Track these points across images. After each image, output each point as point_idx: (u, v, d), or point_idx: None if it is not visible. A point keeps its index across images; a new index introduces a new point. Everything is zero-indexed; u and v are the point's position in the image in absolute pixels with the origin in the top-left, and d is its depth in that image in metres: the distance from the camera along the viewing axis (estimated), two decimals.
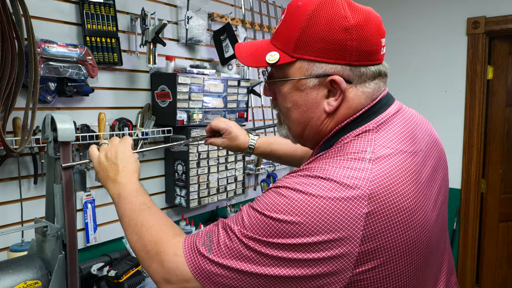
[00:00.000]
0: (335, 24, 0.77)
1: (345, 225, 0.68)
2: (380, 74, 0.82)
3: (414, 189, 0.75)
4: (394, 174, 0.73)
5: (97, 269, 1.49)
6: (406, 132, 0.83)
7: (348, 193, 0.69)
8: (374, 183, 0.71)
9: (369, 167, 0.72)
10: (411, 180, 0.75)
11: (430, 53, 3.23)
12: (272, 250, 0.70)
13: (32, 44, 1.41)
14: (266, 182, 2.65)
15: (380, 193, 0.70)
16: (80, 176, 1.08)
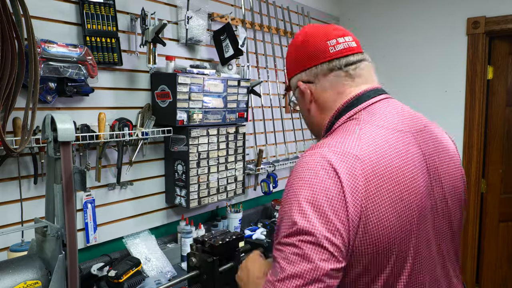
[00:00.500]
0: (291, 48, 1.06)
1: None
2: (334, 68, 0.98)
3: (399, 155, 0.87)
4: (378, 141, 0.87)
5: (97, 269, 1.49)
6: (392, 115, 0.95)
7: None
8: (362, 147, 0.84)
9: (356, 137, 0.87)
10: (395, 148, 0.88)
11: (430, 53, 3.23)
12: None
13: (32, 44, 1.41)
14: (266, 182, 2.65)
15: (367, 155, 0.84)
16: (80, 176, 1.08)
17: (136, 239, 1.96)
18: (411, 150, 0.91)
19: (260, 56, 2.74)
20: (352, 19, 3.63)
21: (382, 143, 0.87)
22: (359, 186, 0.80)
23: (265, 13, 2.78)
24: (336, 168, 0.81)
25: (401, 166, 0.86)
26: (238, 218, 2.42)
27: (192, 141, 2.04)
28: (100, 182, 1.85)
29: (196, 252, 1.30)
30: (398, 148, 0.88)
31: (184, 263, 2.00)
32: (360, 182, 0.80)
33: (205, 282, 1.28)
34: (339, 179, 0.80)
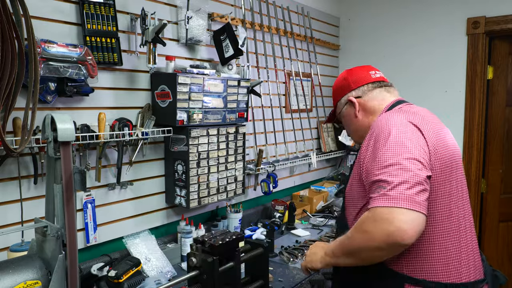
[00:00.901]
0: (340, 82, 1.56)
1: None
2: (377, 86, 1.48)
3: (438, 123, 1.38)
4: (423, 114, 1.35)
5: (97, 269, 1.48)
6: (415, 112, 1.36)
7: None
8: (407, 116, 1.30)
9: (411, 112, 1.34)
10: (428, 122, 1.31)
11: (430, 53, 3.23)
12: None
13: (32, 44, 1.41)
14: (266, 182, 2.65)
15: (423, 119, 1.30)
16: (80, 176, 1.08)
17: (136, 239, 1.96)
18: (441, 124, 1.38)
19: (260, 56, 2.74)
20: (352, 19, 3.63)
21: (426, 115, 1.35)
22: (429, 133, 1.25)
23: (265, 13, 2.78)
24: (415, 124, 1.25)
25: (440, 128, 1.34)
26: (238, 218, 2.42)
27: (192, 141, 2.04)
28: (100, 182, 1.85)
29: (196, 252, 1.30)
30: (435, 122, 1.35)
31: (184, 263, 2.00)
32: (429, 132, 1.26)
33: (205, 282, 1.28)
34: (419, 130, 1.24)
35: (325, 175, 3.58)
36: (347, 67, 3.63)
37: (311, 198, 3.00)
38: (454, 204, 1.25)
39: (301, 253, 2.12)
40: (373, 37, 3.50)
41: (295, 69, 3.06)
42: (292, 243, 2.33)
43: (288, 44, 3.00)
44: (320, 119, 3.38)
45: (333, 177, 3.55)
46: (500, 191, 3.17)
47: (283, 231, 2.57)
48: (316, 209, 2.98)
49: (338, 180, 3.45)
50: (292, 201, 2.81)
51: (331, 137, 3.50)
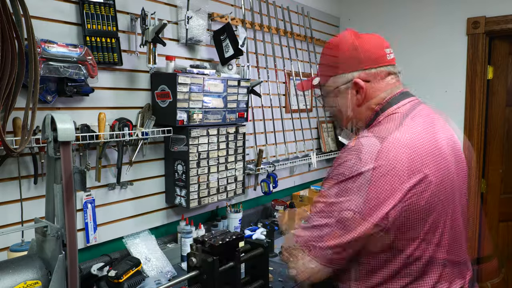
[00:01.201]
0: (347, 51, 1.19)
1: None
2: (390, 72, 1.21)
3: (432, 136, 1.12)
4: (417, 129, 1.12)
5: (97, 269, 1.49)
6: (425, 108, 1.21)
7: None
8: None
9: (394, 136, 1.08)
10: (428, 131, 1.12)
11: (430, 53, 3.23)
12: None
13: (32, 44, 1.41)
14: (266, 182, 2.65)
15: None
16: (80, 176, 1.08)
17: (136, 239, 1.96)
18: (441, 129, 1.18)
19: (260, 56, 2.74)
20: (352, 19, 3.63)
21: (419, 135, 1.10)
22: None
23: (265, 13, 2.78)
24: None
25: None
26: (238, 218, 2.42)
27: (192, 141, 2.04)
28: (100, 182, 1.85)
29: (196, 252, 1.30)
30: (431, 137, 1.12)
31: (184, 263, 2.00)
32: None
33: (205, 282, 1.28)
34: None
35: (325, 175, 3.56)
36: None
37: (311, 198, 3.00)
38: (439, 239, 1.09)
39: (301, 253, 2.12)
40: None
41: (295, 69, 3.06)
42: (292, 243, 2.33)
43: (288, 44, 3.00)
44: (320, 119, 3.38)
45: None
46: (500, 191, 3.17)
47: (283, 231, 2.57)
48: None
49: None
50: (292, 201, 2.81)
51: (331, 137, 3.50)
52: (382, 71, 1.20)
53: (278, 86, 2.89)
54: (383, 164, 1.02)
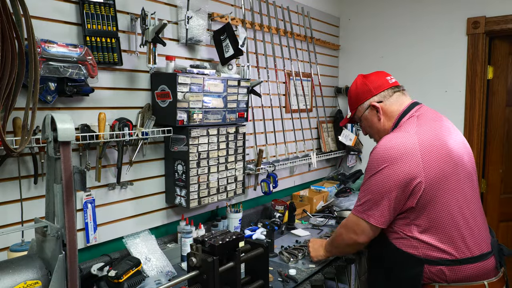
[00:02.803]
0: (360, 87, 1.74)
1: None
2: (395, 91, 1.70)
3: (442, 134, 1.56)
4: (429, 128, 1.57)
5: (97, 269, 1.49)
6: (431, 112, 1.66)
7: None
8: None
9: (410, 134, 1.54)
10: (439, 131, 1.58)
11: (430, 53, 3.23)
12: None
13: (32, 44, 1.41)
14: (266, 182, 2.65)
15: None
16: (80, 176, 1.08)
17: (136, 239, 1.96)
18: (447, 127, 1.61)
19: (260, 56, 2.74)
20: (352, 19, 3.63)
21: (430, 128, 1.55)
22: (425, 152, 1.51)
23: (265, 13, 2.78)
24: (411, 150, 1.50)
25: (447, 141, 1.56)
26: (238, 218, 2.42)
27: (192, 141, 2.04)
28: (100, 182, 1.85)
29: (196, 252, 1.30)
30: (439, 128, 1.57)
31: (184, 263, 2.00)
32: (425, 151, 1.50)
33: (205, 282, 1.28)
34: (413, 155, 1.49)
35: (325, 175, 3.58)
36: (347, 67, 3.68)
37: (311, 198, 3.00)
38: (458, 199, 1.49)
39: (301, 253, 2.12)
40: (373, 37, 3.50)
41: (295, 69, 3.06)
42: (292, 243, 2.33)
43: (288, 44, 3.00)
44: (320, 119, 3.38)
45: (333, 177, 3.55)
46: (500, 191, 3.17)
47: (283, 231, 2.57)
48: (316, 209, 2.98)
49: (338, 180, 3.45)
50: (292, 201, 2.81)
51: (331, 137, 3.50)
52: (388, 92, 1.68)
53: (278, 86, 2.89)
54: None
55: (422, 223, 1.49)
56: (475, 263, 1.47)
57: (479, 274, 1.48)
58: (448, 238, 1.47)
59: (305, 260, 2.09)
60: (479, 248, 1.50)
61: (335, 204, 3.04)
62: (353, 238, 1.62)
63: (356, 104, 1.74)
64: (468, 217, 1.50)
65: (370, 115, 1.70)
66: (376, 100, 1.67)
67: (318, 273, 1.99)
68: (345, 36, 3.68)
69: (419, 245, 1.50)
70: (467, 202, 1.51)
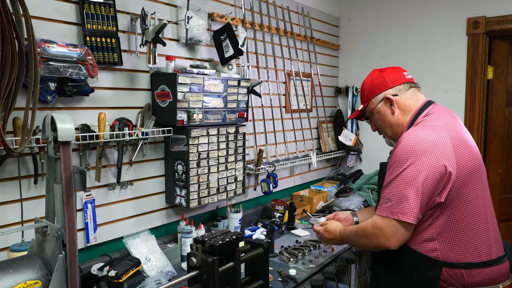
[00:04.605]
0: (376, 80, 1.68)
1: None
2: (411, 86, 1.65)
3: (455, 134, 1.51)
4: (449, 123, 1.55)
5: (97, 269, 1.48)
6: (445, 110, 1.65)
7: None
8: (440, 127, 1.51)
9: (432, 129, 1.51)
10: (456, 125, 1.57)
11: (430, 53, 3.23)
12: None
13: (32, 44, 1.41)
14: (266, 182, 2.65)
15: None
16: (80, 176, 1.08)
17: (136, 239, 1.96)
18: (462, 126, 1.62)
19: (260, 56, 2.74)
20: (352, 19, 3.63)
21: (452, 125, 1.53)
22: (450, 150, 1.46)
23: (265, 13, 2.78)
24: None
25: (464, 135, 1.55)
26: (238, 218, 2.42)
27: (192, 141, 2.04)
28: (100, 182, 1.85)
29: (196, 252, 1.30)
30: (458, 127, 1.56)
31: (184, 263, 2.00)
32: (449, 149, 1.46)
33: (205, 282, 1.28)
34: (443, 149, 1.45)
35: (325, 175, 3.58)
36: (347, 67, 3.68)
37: (311, 198, 3.00)
38: (479, 197, 1.48)
39: (301, 253, 2.12)
40: (373, 37, 3.50)
41: (295, 69, 3.06)
42: (292, 243, 2.33)
43: (288, 44, 3.00)
44: (320, 119, 3.38)
45: (333, 177, 3.55)
46: (500, 191, 3.17)
47: (283, 231, 2.57)
48: (316, 209, 2.98)
49: (338, 180, 3.45)
50: (292, 201, 2.81)
51: (331, 137, 3.50)
52: (405, 86, 1.64)
53: (278, 86, 2.89)
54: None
55: (444, 222, 1.43)
56: (492, 266, 1.44)
57: (495, 278, 1.45)
58: (470, 239, 1.43)
59: (305, 260, 2.09)
60: (497, 250, 1.48)
61: (335, 204, 3.04)
62: (383, 244, 1.45)
63: (369, 96, 1.67)
64: (489, 217, 1.48)
65: (383, 108, 1.64)
66: (391, 92, 1.63)
67: (318, 273, 1.99)
68: (345, 36, 3.68)
69: (438, 247, 1.44)
70: (486, 201, 1.50)
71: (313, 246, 2.22)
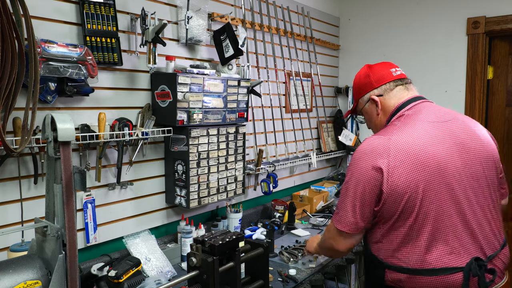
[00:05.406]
0: (358, 78, 1.66)
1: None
2: (398, 84, 1.56)
3: (423, 137, 1.38)
4: (411, 131, 1.40)
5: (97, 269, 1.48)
6: (427, 111, 1.49)
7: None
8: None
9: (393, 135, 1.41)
10: (422, 133, 1.40)
11: (430, 53, 3.23)
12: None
13: (32, 44, 1.41)
14: (266, 182, 2.65)
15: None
16: (80, 176, 1.08)
17: (136, 239, 1.96)
18: (434, 132, 1.40)
19: (260, 56, 2.74)
20: (352, 19, 3.63)
21: (414, 131, 1.39)
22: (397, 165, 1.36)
23: (265, 13, 2.78)
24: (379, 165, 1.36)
25: (423, 143, 1.36)
26: (238, 218, 2.42)
27: (192, 141, 2.04)
28: (100, 182, 1.85)
29: (196, 252, 1.30)
30: (425, 132, 1.39)
31: (184, 263, 2.00)
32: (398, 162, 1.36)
33: (205, 282, 1.28)
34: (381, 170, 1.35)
35: (325, 175, 3.58)
36: (347, 67, 3.68)
37: (311, 198, 3.00)
38: (440, 203, 1.34)
39: (301, 253, 2.12)
40: (373, 37, 3.50)
41: (295, 69, 3.06)
42: (292, 243, 2.33)
43: (288, 44, 3.00)
44: (320, 119, 3.38)
45: (333, 177, 3.55)
46: None
47: (283, 231, 2.57)
48: (316, 209, 2.98)
49: (338, 180, 3.45)
50: (292, 201, 2.81)
51: (331, 137, 3.50)
52: (390, 85, 1.56)
53: (278, 86, 2.89)
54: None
55: (385, 228, 1.39)
56: (432, 276, 1.33)
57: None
58: (409, 246, 1.36)
59: (305, 260, 2.09)
60: (451, 261, 1.33)
61: (335, 204, 3.04)
62: (333, 246, 1.50)
63: (357, 96, 1.65)
64: (448, 229, 1.33)
65: (370, 108, 1.60)
66: (376, 93, 1.56)
67: (318, 273, 1.99)
68: (345, 36, 3.68)
69: (382, 248, 1.41)
70: (459, 207, 1.34)
71: None
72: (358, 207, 1.37)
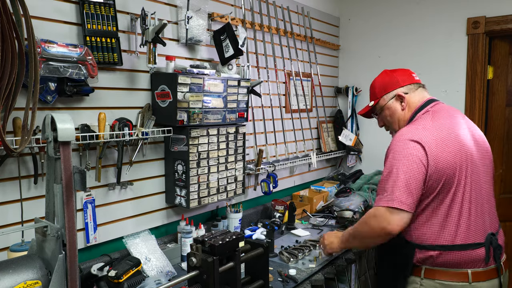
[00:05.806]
0: (388, 78, 1.87)
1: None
2: (419, 86, 1.84)
3: (452, 128, 1.66)
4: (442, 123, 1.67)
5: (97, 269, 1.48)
6: (447, 108, 1.77)
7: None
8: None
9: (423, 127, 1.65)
10: (450, 125, 1.67)
11: (430, 53, 3.23)
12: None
13: (32, 44, 1.41)
14: (266, 182, 2.65)
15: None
16: (80, 176, 1.08)
17: (136, 239, 1.96)
18: (460, 124, 1.69)
19: (260, 56, 2.74)
20: (352, 19, 3.63)
21: (444, 124, 1.65)
22: (432, 147, 1.59)
23: (265, 13, 2.78)
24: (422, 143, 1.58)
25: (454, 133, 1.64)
26: (238, 218, 2.42)
27: (192, 141, 2.04)
28: (100, 182, 1.85)
29: (196, 252, 1.30)
30: (453, 125, 1.66)
31: (184, 263, 2.00)
32: (432, 146, 1.59)
33: (205, 282, 1.28)
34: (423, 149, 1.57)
35: (325, 175, 3.58)
36: (347, 67, 3.68)
37: (311, 198, 3.00)
38: (465, 189, 1.58)
39: (301, 253, 2.12)
40: (373, 37, 3.50)
41: (295, 69, 3.06)
42: (292, 243, 2.33)
43: (288, 44, 3.00)
44: (320, 119, 3.38)
45: (333, 177, 3.55)
46: (500, 191, 3.17)
47: (283, 231, 2.57)
48: (316, 209, 2.98)
49: (338, 180, 3.45)
50: (292, 201, 2.81)
51: (331, 137, 3.50)
52: (414, 85, 1.83)
53: (278, 86, 2.89)
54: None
55: (421, 207, 1.58)
56: (461, 250, 1.55)
57: (463, 262, 1.56)
58: (445, 223, 1.57)
59: (305, 260, 2.09)
60: (474, 237, 1.58)
61: (335, 204, 3.04)
62: (384, 227, 1.56)
63: (381, 93, 1.84)
64: (472, 209, 1.59)
65: (394, 104, 1.81)
66: (402, 91, 1.80)
67: (318, 273, 1.99)
68: (345, 36, 3.68)
69: (414, 227, 1.61)
70: (479, 193, 1.62)
71: (313, 246, 2.22)
72: (412, 183, 1.52)
